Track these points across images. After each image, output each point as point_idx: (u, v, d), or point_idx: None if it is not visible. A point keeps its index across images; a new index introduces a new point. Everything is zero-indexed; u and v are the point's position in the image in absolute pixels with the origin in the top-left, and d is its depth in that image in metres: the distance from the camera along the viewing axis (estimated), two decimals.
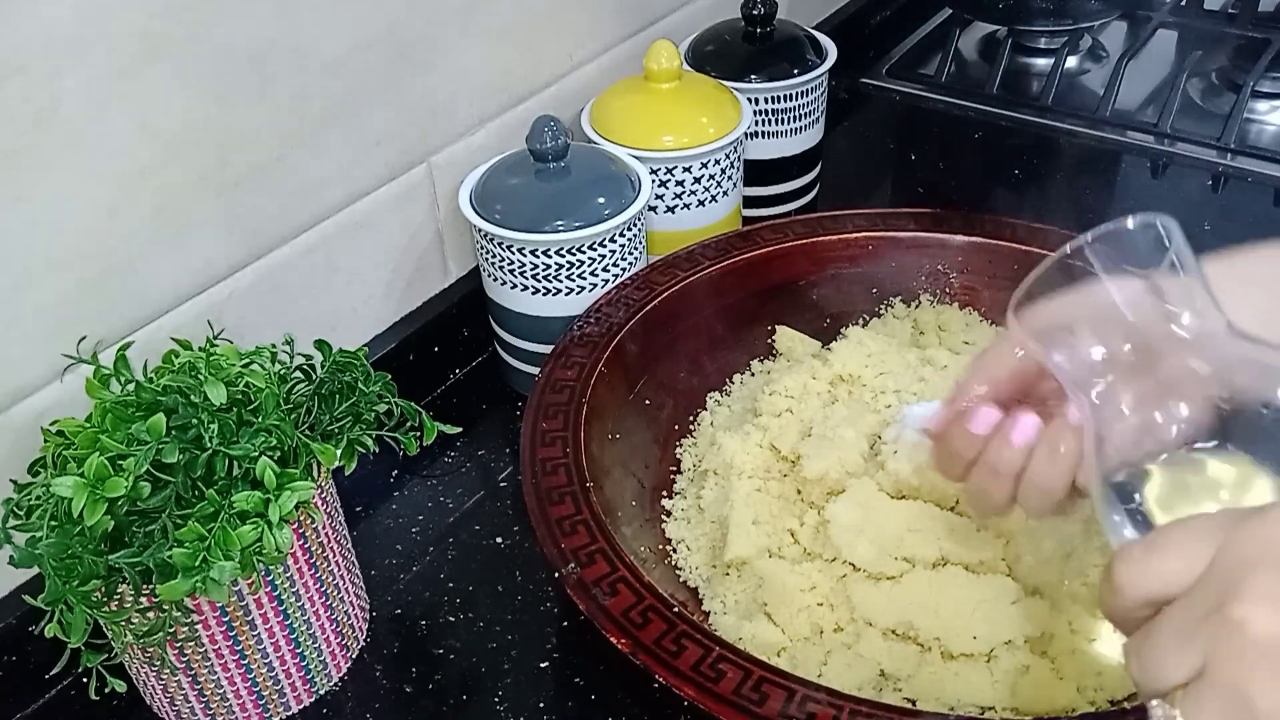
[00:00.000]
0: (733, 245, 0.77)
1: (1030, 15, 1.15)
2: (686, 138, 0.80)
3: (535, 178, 0.74)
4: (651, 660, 0.51)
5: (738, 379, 0.77)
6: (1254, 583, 0.33)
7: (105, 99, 0.56)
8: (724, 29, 0.93)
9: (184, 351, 0.56)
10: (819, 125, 0.93)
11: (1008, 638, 0.57)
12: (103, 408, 0.52)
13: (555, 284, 0.73)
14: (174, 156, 0.61)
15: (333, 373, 0.58)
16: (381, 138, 0.73)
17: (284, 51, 0.64)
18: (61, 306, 0.58)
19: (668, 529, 0.67)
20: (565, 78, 0.86)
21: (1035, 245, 0.75)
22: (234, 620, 0.54)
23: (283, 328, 0.68)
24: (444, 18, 0.74)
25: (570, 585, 0.55)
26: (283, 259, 0.69)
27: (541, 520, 0.58)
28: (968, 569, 0.60)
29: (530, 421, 0.64)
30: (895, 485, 0.63)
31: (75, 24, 0.54)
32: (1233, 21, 1.18)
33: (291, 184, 0.68)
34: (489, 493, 0.73)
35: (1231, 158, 1.00)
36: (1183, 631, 0.35)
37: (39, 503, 0.50)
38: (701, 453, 0.71)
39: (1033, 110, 1.09)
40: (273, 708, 0.59)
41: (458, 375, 0.83)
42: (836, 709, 0.49)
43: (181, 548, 0.49)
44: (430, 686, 0.61)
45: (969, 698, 0.56)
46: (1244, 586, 0.33)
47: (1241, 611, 0.33)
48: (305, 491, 0.51)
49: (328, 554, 0.58)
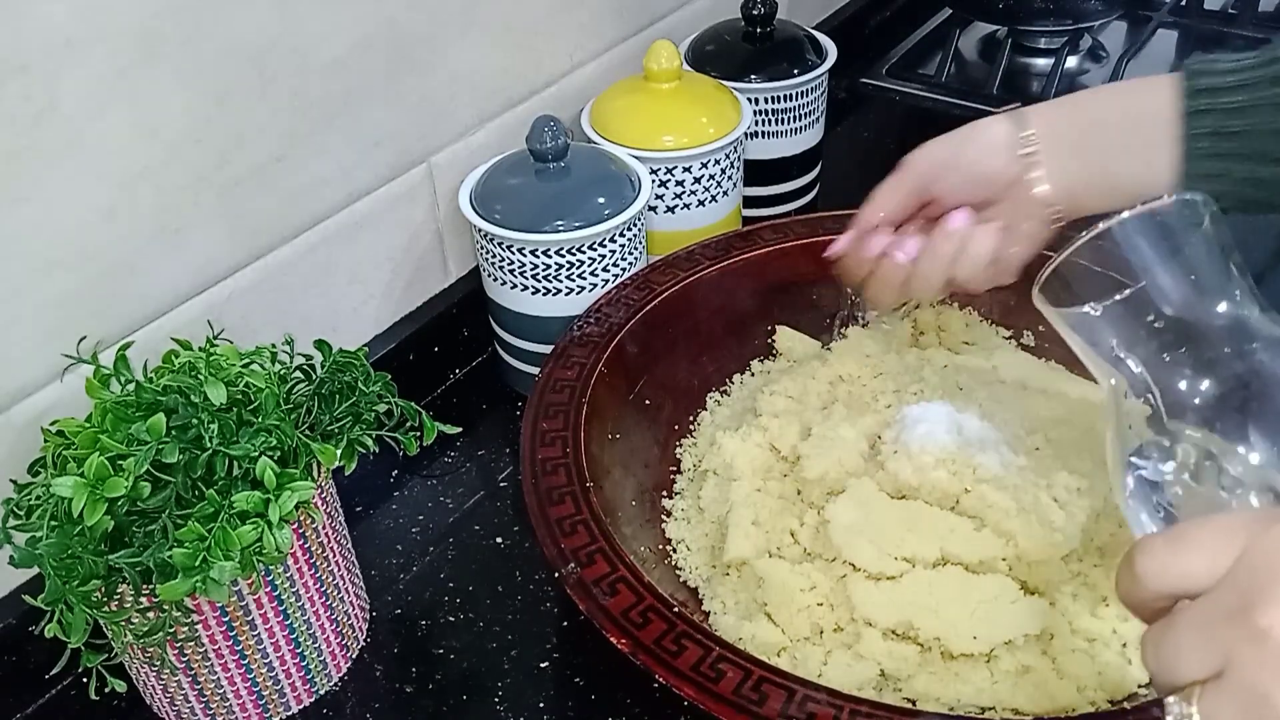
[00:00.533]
0: (733, 245, 0.77)
1: (1030, 15, 1.15)
2: (686, 138, 0.80)
3: (535, 178, 0.74)
4: (651, 660, 0.51)
5: (738, 379, 0.77)
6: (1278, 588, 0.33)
7: (105, 99, 0.56)
8: (724, 29, 0.93)
9: (184, 351, 0.56)
10: (819, 125, 0.93)
11: (1008, 638, 0.57)
12: (103, 408, 0.52)
13: (555, 284, 0.73)
14: (174, 156, 0.61)
15: (333, 373, 0.58)
16: (381, 138, 0.73)
17: (284, 51, 0.64)
18: (61, 306, 0.58)
19: (668, 529, 0.67)
20: (565, 78, 0.86)
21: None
22: (234, 620, 0.54)
23: (283, 328, 0.68)
24: (444, 18, 0.74)
25: (570, 585, 0.55)
26: (283, 259, 0.69)
27: (541, 520, 0.58)
28: (968, 569, 0.60)
29: (530, 421, 0.64)
30: (895, 485, 0.63)
31: (75, 24, 0.54)
32: (1233, 21, 1.18)
33: (291, 184, 0.68)
34: (489, 493, 0.73)
35: None
36: (1204, 630, 0.35)
37: (39, 503, 0.50)
38: (701, 453, 0.71)
39: None
40: (273, 708, 0.59)
41: (458, 375, 0.83)
42: (836, 709, 0.49)
43: (181, 548, 0.49)
44: (430, 686, 0.61)
45: (969, 698, 0.56)
46: (1271, 593, 0.33)
47: (1266, 619, 0.33)
48: (305, 491, 0.51)
49: (328, 554, 0.58)
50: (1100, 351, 0.44)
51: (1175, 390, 0.42)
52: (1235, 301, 0.43)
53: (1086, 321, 0.45)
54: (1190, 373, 0.42)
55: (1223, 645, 0.34)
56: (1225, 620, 0.34)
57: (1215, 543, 0.36)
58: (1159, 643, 0.36)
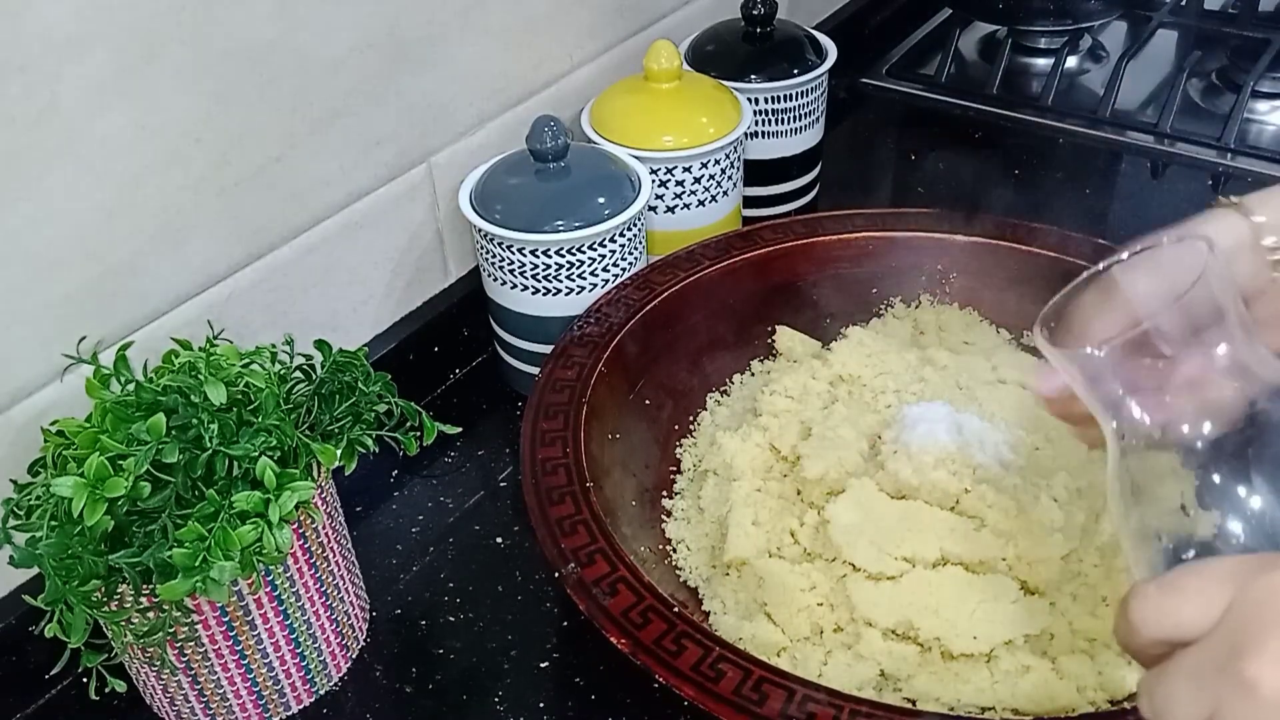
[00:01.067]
0: (733, 245, 0.77)
1: (1030, 15, 1.15)
2: (686, 138, 0.80)
3: (535, 178, 0.74)
4: (651, 660, 0.51)
5: (738, 379, 0.77)
6: (1267, 641, 0.33)
7: (105, 99, 0.56)
8: (724, 29, 0.93)
9: (184, 351, 0.56)
10: (819, 125, 0.93)
11: (1008, 638, 0.57)
12: (103, 408, 0.52)
13: (555, 284, 0.73)
14: (174, 156, 0.61)
15: (333, 373, 0.58)
16: (381, 138, 0.73)
17: (284, 51, 0.64)
18: (61, 306, 0.58)
19: (668, 529, 0.67)
20: (565, 78, 0.86)
21: (1035, 245, 0.75)
22: (234, 620, 0.54)
23: (283, 328, 0.68)
24: (444, 18, 0.74)
25: (570, 585, 0.55)
26: (283, 259, 0.69)
27: (541, 520, 0.58)
28: (968, 569, 0.60)
29: (530, 421, 0.64)
30: (895, 485, 0.63)
31: (75, 24, 0.54)
32: (1233, 21, 1.18)
33: (291, 184, 0.68)
34: (489, 493, 0.73)
35: (1231, 158, 1.00)
36: (1195, 679, 0.35)
37: (39, 503, 0.50)
38: (701, 453, 0.71)
39: (1033, 110, 1.09)
40: (273, 708, 0.59)
41: (458, 375, 0.83)
42: (836, 709, 0.49)
43: (181, 548, 0.49)
44: (430, 686, 0.61)
45: (969, 698, 0.56)
46: (1257, 644, 0.33)
47: (1254, 670, 0.33)
48: (305, 491, 0.51)
49: (328, 554, 0.58)
50: (1102, 392, 0.45)
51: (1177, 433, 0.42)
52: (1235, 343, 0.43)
53: (1089, 362, 0.45)
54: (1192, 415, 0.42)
55: (1213, 695, 0.34)
56: (1215, 671, 0.34)
57: (1207, 590, 0.35)
58: (1153, 691, 0.36)
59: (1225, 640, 0.34)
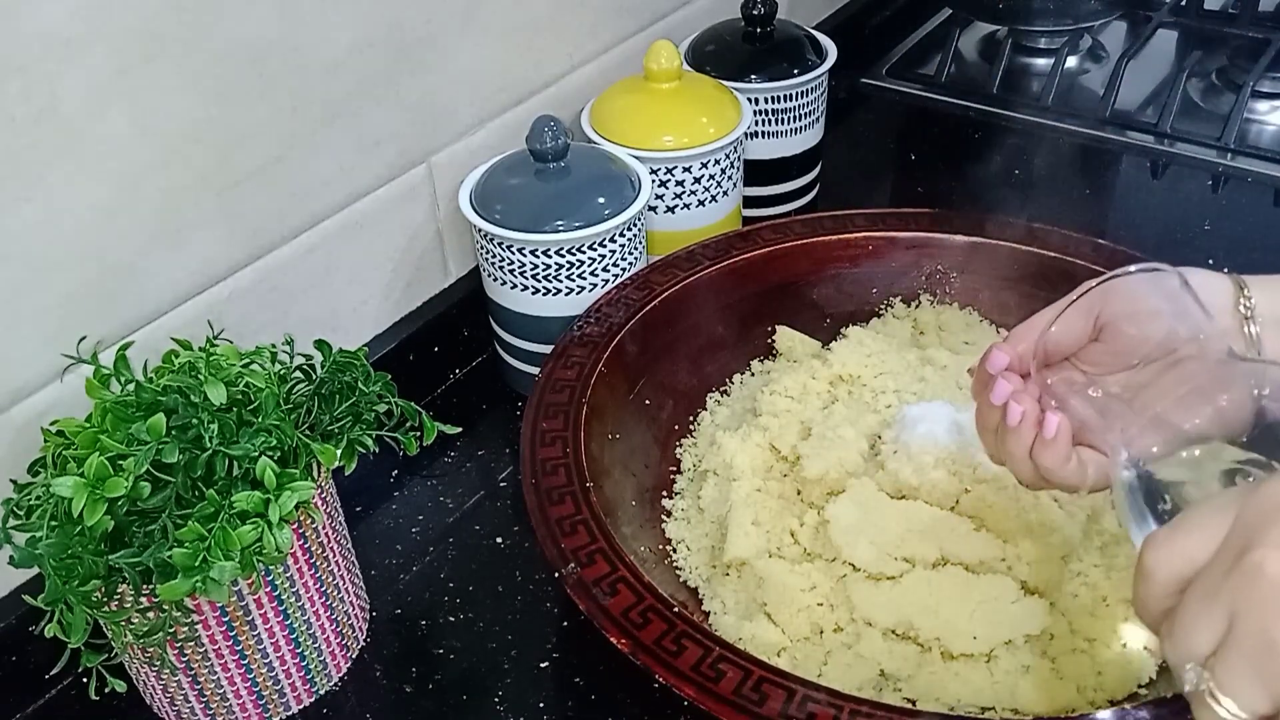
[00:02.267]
0: (733, 245, 0.77)
1: (1030, 15, 1.15)
2: (686, 138, 0.80)
3: (535, 178, 0.74)
4: (651, 660, 0.51)
5: (738, 379, 0.77)
6: (1269, 530, 0.34)
7: (105, 99, 0.56)
8: (724, 29, 0.93)
9: (184, 351, 0.56)
10: (819, 125, 0.93)
11: (1008, 638, 0.57)
12: (103, 408, 0.52)
13: (555, 284, 0.73)
14: (174, 156, 0.61)
15: (333, 373, 0.58)
16: (381, 138, 0.73)
17: (284, 51, 0.64)
18: (61, 306, 0.58)
19: (668, 529, 0.67)
20: (565, 78, 0.86)
21: (1035, 246, 0.75)
22: (234, 620, 0.54)
23: (283, 328, 0.68)
24: (444, 18, 0.74)
25: (570, 585, 0.55)
26: (283, 259, 0.69)
27: (541, 520, 0.58)
28: (968, 569, 0.60)
29: (530, 421, 0.64)
30: (895, 485, 0.63)
31: (75, 24, 0.54)
32: (1233, 21, 1.18)
33: (291, 184, 0.68)
34: (489, 493, 0.73)
35: (1231, 158, 1.00)
36: (1208, 594, 0.35)
37: (39, 503, 0.50)
38: (701, 453, 0.71)
39: (1033, 110, 1.09)
40: (273, 708, 0.59)
41: (458, 375, 0.83)
42: (836, 709, 0.49)
43: (181, 548, 0.49)
44: (430, 686, 0.61)
45: (969, 698, 0.56)
46: (1260, 534, 0.34)
47: (1259, 555, 0.33)
48: (305, 491, 0.51)
49: (328, 554, 0.58)
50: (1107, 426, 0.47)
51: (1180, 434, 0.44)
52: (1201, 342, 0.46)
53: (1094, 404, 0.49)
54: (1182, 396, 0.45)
55: (1226, 602, 0.34)
56: (1223, 578, 0.35)
57: (1212, 517, 0.36)
58: (1172, 630, 0.36)
59: (1230, 548, 0.35)
